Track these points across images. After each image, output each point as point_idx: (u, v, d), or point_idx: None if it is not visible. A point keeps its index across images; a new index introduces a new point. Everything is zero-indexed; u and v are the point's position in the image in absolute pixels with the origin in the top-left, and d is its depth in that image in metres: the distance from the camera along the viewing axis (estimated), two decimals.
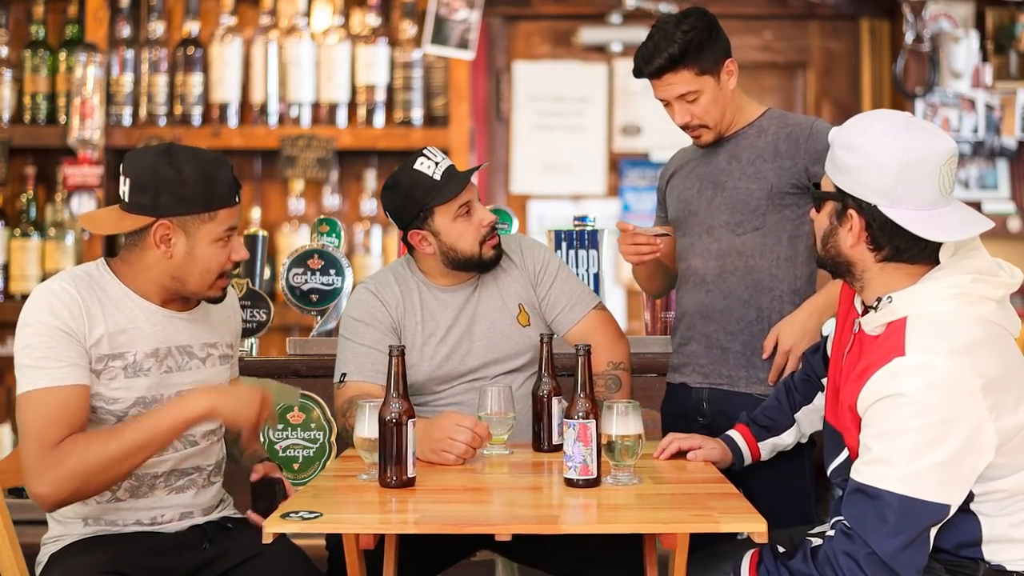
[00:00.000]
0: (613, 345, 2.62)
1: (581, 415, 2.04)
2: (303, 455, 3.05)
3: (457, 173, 2.50)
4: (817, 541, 1.89)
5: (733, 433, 2.37)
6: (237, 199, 2.18)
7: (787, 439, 2.37)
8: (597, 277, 3.23)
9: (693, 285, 2.63)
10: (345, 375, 2.51)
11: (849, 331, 2.02)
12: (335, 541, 2.33)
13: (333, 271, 3.19)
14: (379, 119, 4.40)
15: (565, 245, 3.24)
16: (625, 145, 4.97)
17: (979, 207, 4.39)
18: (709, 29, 2.50)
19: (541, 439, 2.37)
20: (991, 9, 4.62)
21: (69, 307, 2.09)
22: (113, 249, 4.25)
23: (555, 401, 2.35)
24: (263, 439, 3.00)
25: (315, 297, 3.19)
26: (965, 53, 4.46)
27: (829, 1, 4.80)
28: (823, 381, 2.26)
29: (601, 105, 4.96)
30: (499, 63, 4.93)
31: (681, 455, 2.31)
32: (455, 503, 2.01)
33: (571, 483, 2.04)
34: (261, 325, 3.16)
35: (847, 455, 1.94)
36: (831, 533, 1.88)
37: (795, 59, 4.93)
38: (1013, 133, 4.52)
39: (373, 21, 4.41)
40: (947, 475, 1.76)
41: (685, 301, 2.67)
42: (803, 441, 2.40)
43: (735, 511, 1.88)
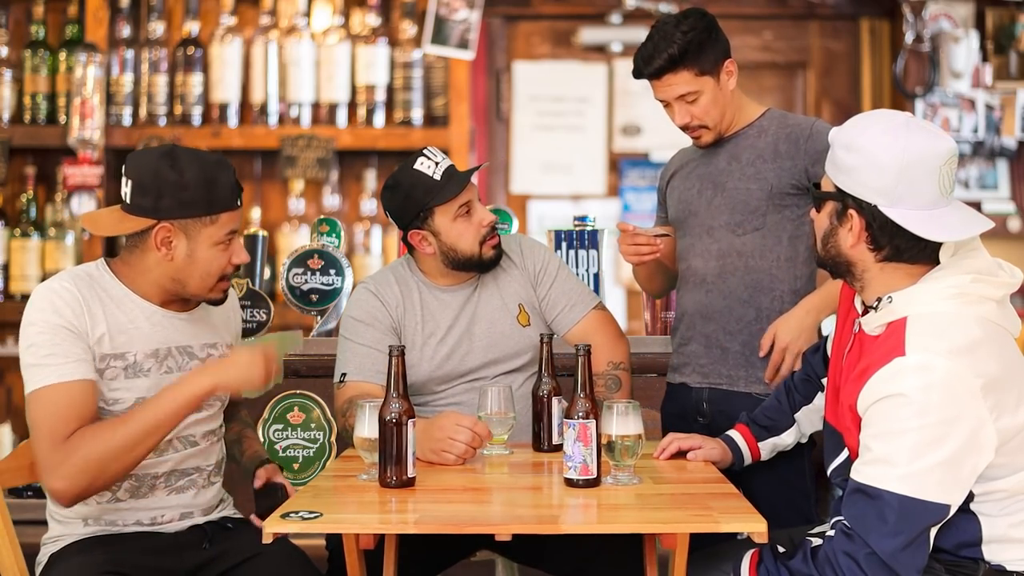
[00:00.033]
0: (613, 345, 2.62)
1: (581, 415, 2.04)
2: (303, 455, 3.05)
3: (457, 173, 2.50)
4: (817, 541, 1.89)
5: (733, 433, 2.37)
6: (239, 202, 2.18)
7: (787, 439, 2.37)
8: (597, 277, 3.23)
9: (693, 285, 2.63)
10: (345, 375, 2.51)
11: (849, 331, 2.02)
12: (335, 541, 2.33)
13: (333, 271, 3.19)
14: (379, 119, 4.39)
15: (565, 245, 3.24)
16: (625, 145, 4.97)
17: (979, 207, 4.39)
18: (708, 29, 2.50)
19: (541, 439, 2.37)
20: (991, 9, 4.61)
21: (71, 305, 2.09)
22: (113, 249, 4.25)
23: (555, 401, 2.35)
24: (263, 439, 3.01)
25: (315, 297, 3.19)
26: (965, 53, 4.46)
27: (829, 1, 4.80)
28: (823, 381, 2.26)
29: (601, 105, 4.96)
30: (499, 63, 4.93)
31: (681, 455, 2.31)
32: (455, 503, 2.01)
33: (571, 483, 2.04)
34: (261, 325, 3.16)
35: (847, 455, 1.94)
36: (831, 533, 1.88)
37: (795, 59, 4.93)
38: (1013, 133, 4.52)
39: (373, 21, 4.41)
40: (947, 475, 1.76)
41: (685, 301, 2.67)
42: (803, 441, 2.40)
43: (735, 511, 1.88)
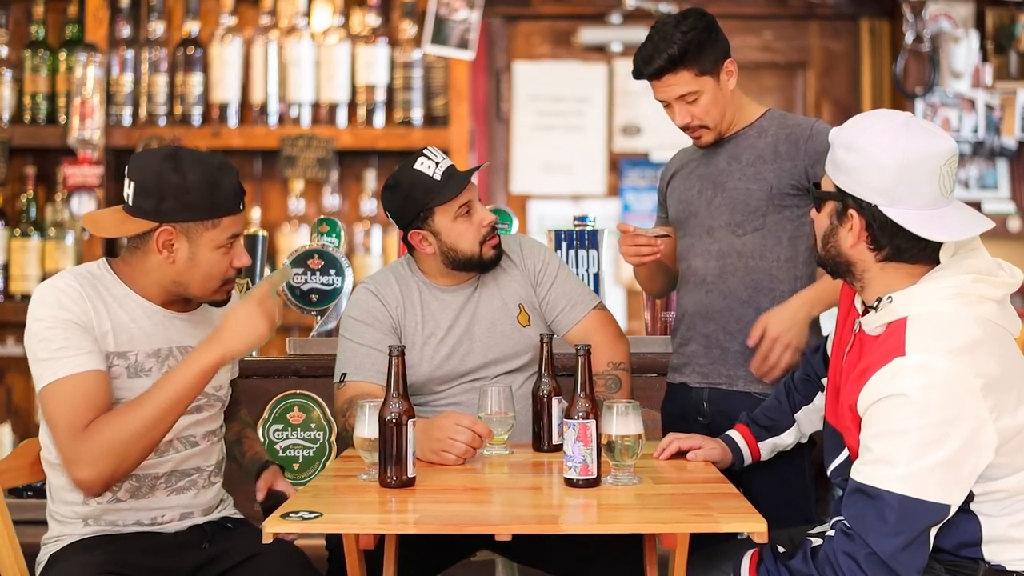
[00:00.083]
0: (613, 345, 2.62)
1: (581, 415, 2.04)
2: (303, 455, 3.05)
3: (457, 173, 2.50)
4: (817, 541, 1.89)
5: (733, 433, 2.37)
6: (241, 206, 2.18)
7: (787, 439, 2.36)
8: (597, 277, 3.23)
9: (693, 285, 2.63)
10: (345, 375, 2.51)
11: (849, 331, 2.01)
12: (335, 541, 2.32)
13: (333, 271, 3.19)
14: (379, 119, 4.39)
15: (565, 245, 3.24)
16: (625, 145, 4.97)
17: (979, 207, 4.39)
18: (708, 29, 2.49)
19: (541, 439, 2.37)
20: (991, 9, 4.61)
21: (77, 302, 2.09)
22: (113, 250, 4.25)
23: (555, 401, 2.35)
24: (263, 439, 3.00)
25: (315, 297, 3.19)
26: (965, 53, 4.46)
27: (829, 1, 4.79)
28: (823, 381, 2.26)
29: (601, 105, 4.96)
30: (499, 63, 4.93)
31: (681, 455, 2.31)
32: (455, 503, 2.01)
33: (571, 483, 2.04)
34: None
35: (847, 455, 1.94)
36: (831, 533, 1.88)
37: (795, 59, 4.93)
38: (1013, 133, 4.52)
39: (373, 21, 4.41)
40: (947, 475, 1.76)
41: (685, 301, 2.67)
42: (803, 441, 2.40)
43: (735, 511, 1.88)
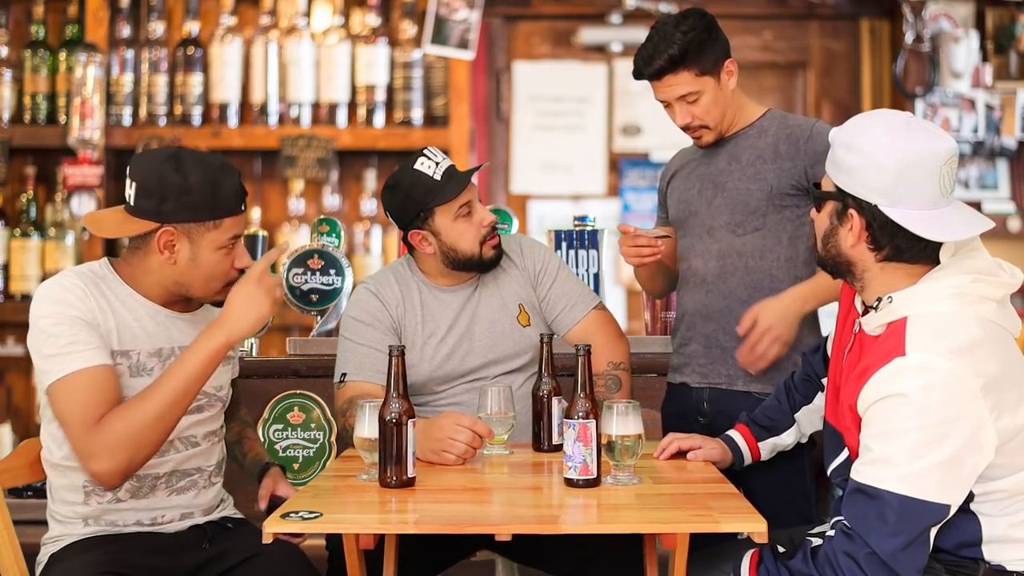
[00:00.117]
0: (613, 345, 2.62)
1: (581, 415, 2.04)
2: (303, 455, 3.05)
3: (457, 173, 2.50)
4: (817, 541, 1.89)
5: (733, 433, 2.37)
6: (243, 207, 2.18)
7: (787, 439, 2.36)
8: (597, 277, 3.23)
9: (693, 285, 2.63)
10: (345, 375, 2.51)
11: (849, 331, 2.01)
12: (335, 541, 2.32)
13: (333, 271, 3.19)
14: (379, 119, 4.39)
15: (565, 245, 3.24)
16: (625, 145, 4.97)
17: (979, 207, 4.39)
18: (708, 29, 2.49)
19: (541, 439, 2.37)
20: (991, 9, 4.62)
21: (81, 299, 2.09)
22: (113, 250, 4.25)
23: (555, 401, 2.35)
24: (263, 439, 3.00)
25: (315, 297, 3.19)
26: (965, 53, 4.46)
27: (829, 1, 4.80)
28: (823, 381, 2.26)
29: (601, 105, 4.96)
30: (499, 63, 4.93)
31: (681, 455, 2.31)
32: (455, 503, 2.01)
33: (571, 483, 2.04)
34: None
35: (847, 455, 1.94)
36: (831, 533, 1.88)
37: (795, 59, 4.93)
38: (1013, 133, 4.52)
39: (373, 21, 4.41)
40: (947, 475, 1.76)
41: (685, 301, 2.67)
42: (803, 441, 2.40)
43: (735, 511, 1.88)
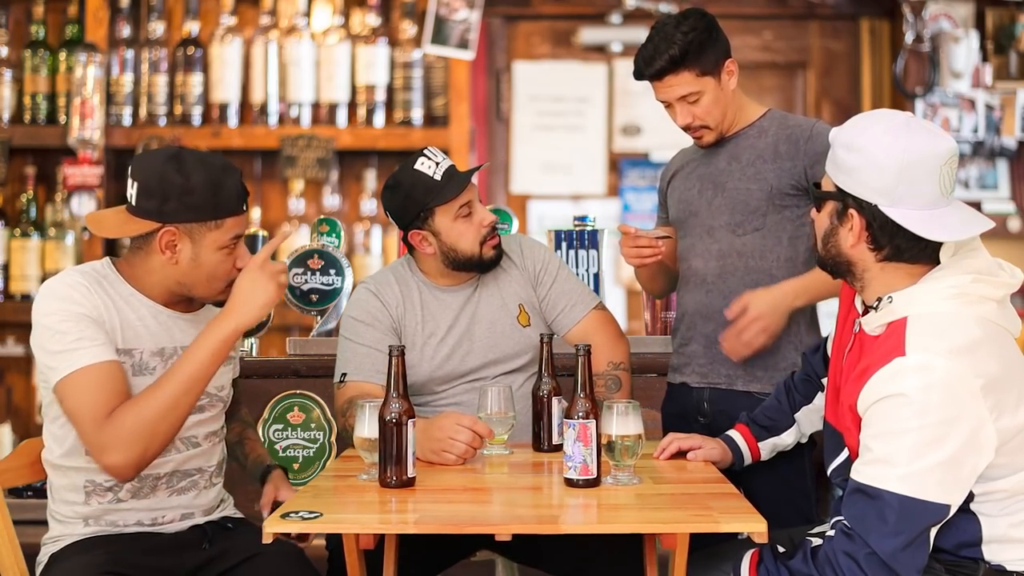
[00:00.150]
0: (613, 345, 2.62)
1: (581, 415, 2.04)
2: (303, 455, 3.05)
3: (458, 173, 2.50)
4: (817, 541, 1.89)
5: (733, 433, 2.37)
6: (244, 207, 2.18)
7: (787, 439, 2.36)
8: (597, 277, 3.23)
9: (694, 285, 2.63)
10: (345, 375, 2.51)
11: (849, 331, 2.01)
12: (335, 541, 2.32)
13: (333, 271, 3.19)
14: (379, 119, 4.39)
15: (565, 245, 3.24)
16: (625, 145, 4.97)
17: (979, 207, 4.38)
18: (709, 30, 2.49)
19: (541, 439, 2.37)
20: (991, 9, 4.62)
21: (86, 296, 2.09)
22: (113, 250, 4.25)
23: (555, 401, 2.35)
24: (263, 439, 3.00)
25: (315, 297, 3.19)
26: (965, 53, 4.46)
27: (829, 1, 4.79)
28: (823, 381, 2.26)
29: (601, 105, 4.96)
30: (499, 63, 4.93)
31: (681, 455, 2.31)
32: (455, 503, 2.01)
33: (571, 483, 2.04)
34: (261, 325, 3.16)
35: (847, 455, 1.94)
36: (831, 533, 1.88)
37: (795, 59, 4.93)
38: (1013, 133, 4.52)
39: (373, 21, 4.41)
40: (947, 475, 1.76)
41: (686, 301, 2.67)
42: (803, 441, 2.40)
43: (735, 511, 1.88)
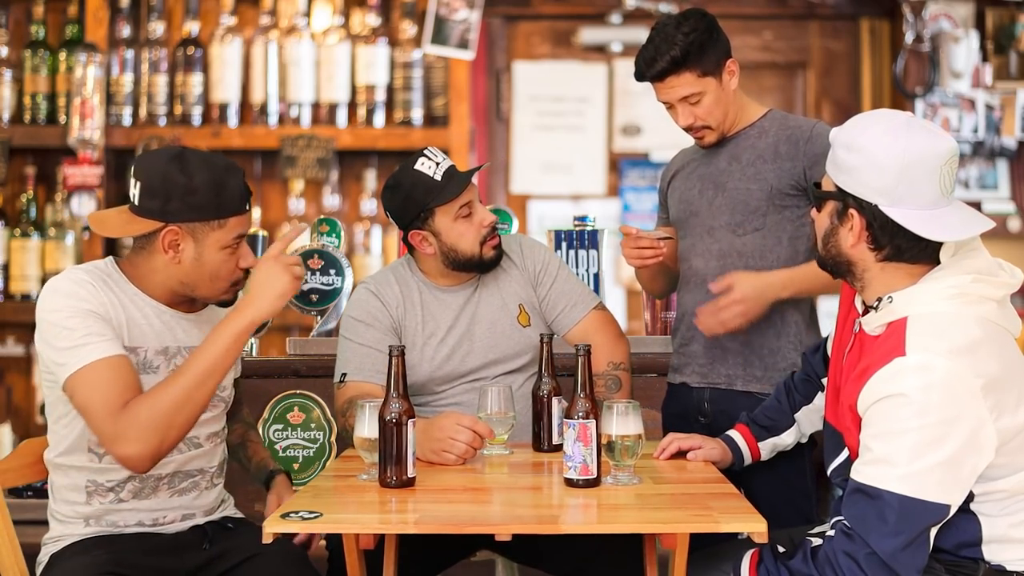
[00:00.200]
0: (613, 345, 2.62)
1: (581, 415, 2.04)
2: (303, 455, 3.05)
3: (458, 174, 2.50)
4: (817, 541, 1.89)
5: (733, 433, 2.37)
6: (247, 207, 2.18)
7: (787, 439, 2.36)
8: (597, 277, 3.23)
9: (694, 285, 2.63)
10: (345, 375, 2.51)
11: (849, 331, 2.01)
12: (335, 541, 2.32)
13: (333, 271, 3.19)
14: (379, 119, 4.39)
15: (565, 245, 3.24)
16: (625, 145, 4.97)
17: (979, 207, 4.39)
18: (709, 30, 2.49)
19: (541, 439, 2.37)
20: (991, 9, 4.62)
21: (92, 293, 2.09)
22: (113, 250, 4.25)
23: (555, 401, 2.35)
24: (263, 439, 3.00)
25: (315, 297, 3.19)
26: (965, 53, 4.46)
27: (829, 1, 4.80)
28: (823, 381, 2.26)
29: (601, 105, 4.96)
30: (499, 63, 4.93)
31: (681, 455, 2.31)
32: (455, 503, 2.01)
33: (571, 483, 2.04)
34: (261, 325, 3.16)
35: (847, 455, 1.94)
36: (831, 533, 1.88)
37: (795, 59, 4.93)
38: (1013, 133, 4.52)
39: (373, 21, 4.41)
40: (947, 475, 1.76)
41: (686, 301, 2.67)
42: (803, 441, 2.40)
43: (735, 511, 1.88)
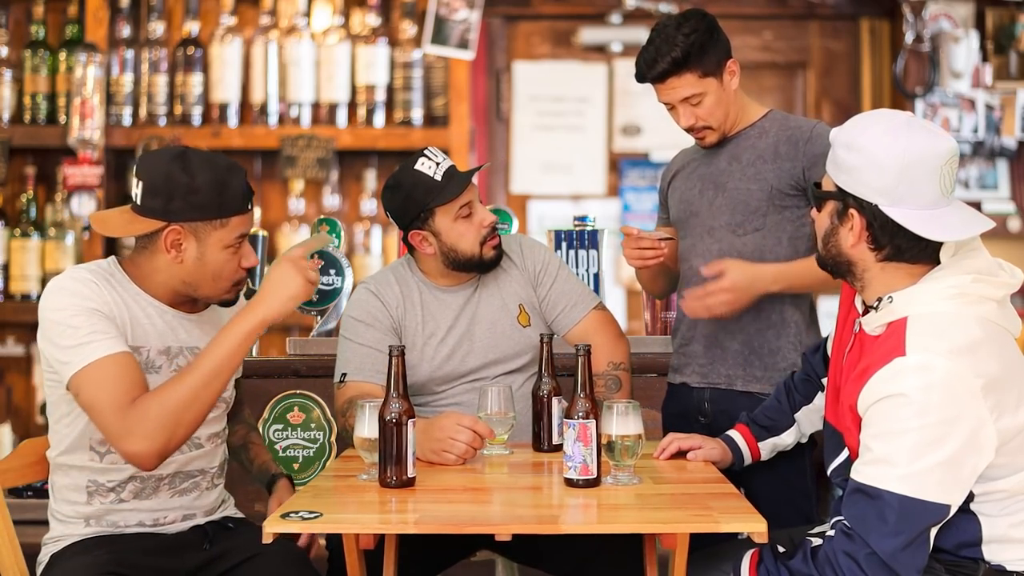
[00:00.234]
0: (613, 345, 2.62)
1: (581, 415, 2.04)
2: (303, 455, 3.05)
3: (458, 174, 2.50)
4: (817, 541, 1.89)
5: (733, 433, 2.37)
6: (250, 206, 2.18)
7: (787, 439, 2.36)
8: (597, 277, 3.23)
9: (694, 286, 2.62)
10: (345, 375, 2.51)
11: (850, 331, 2.01)
12: (335, 541, 2.32)
13: (333, 271, 3.19)
14: (379, 119, 4.39)
15: (565, 245, 3.24)
16: (625, 145, 4.97)
17: (979, 207, 4.39)
18: (710, 31, 2.49)
19: (541, 439, 2.37)
20: (991, 9, 4.62)
21: (96, 292, 2.09)
22: (113, 250, 4.25)
23: (555, 401, 2.35)
24: (264, 439, 3.00)
25: (315, 297, 3.18)
26: (965, 53, 4.46)
27: (829, 1, 4.80)
28: (823, 381, 2.26)
29: (601, 105, 4.96)
30: (499, 63, 4.93)
31: (681, 455, 2.31)
32: (455, 503, 2.01)
33: (571, 483, 2.04)
34: None
35: (847, 455, 1.94)
36: (831, 533, 1.88)
37: (795, 59, 4.93)
38: (1013, 133, 4.52)
39: (373, 21, 4.41)
40: (947, 475, 1.76)
41: None
42: (803, 441, 2.40)
43: (735, 511, 1.88)
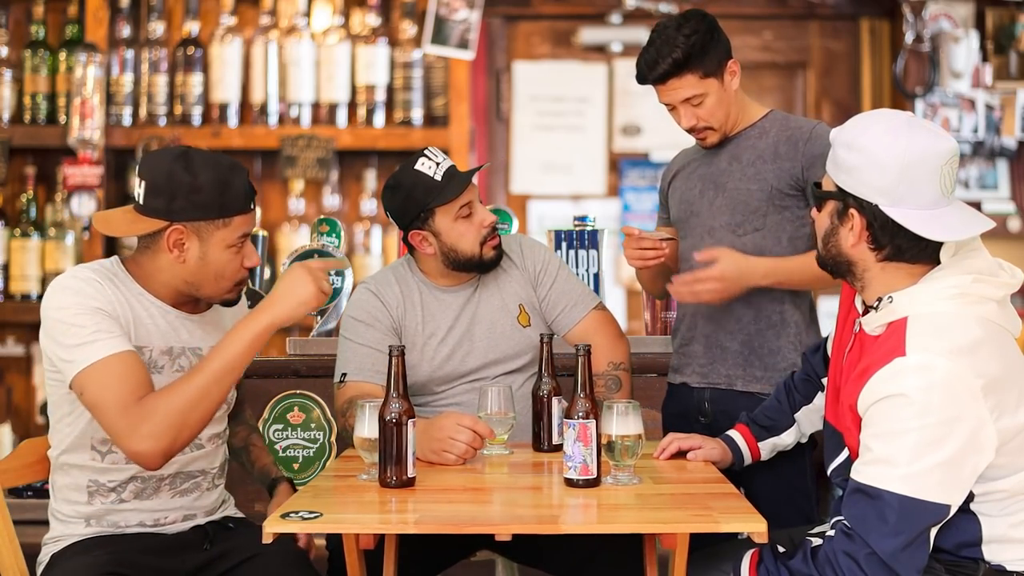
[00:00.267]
0: (613, 345, 2.62)
1: (581, 415, 2.04)
2: (303, 455, 3.05)
3: (458, 174, 2.50)
4: (817, 541, 1.89)
5: (733, 433, 2.37)
6: (252, 206, 2.18)
7: (787, 439, 2.36)
8: (597, 277, 3.23)
9: None
10: (345, 375, 2.51)
11: (850, 331, 2.01)
12: (335, 541, 2.32)
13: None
14: (379, 119, 4.39)
15: (565, 245, 3.24)
16: (625, 145, 4.97)
17: (979, 207, 4.39)
18: (710, 31, 2.49)
19: (541, 439, 2.37)
20: (991, 9, 4.62)
21: (99, 291, 2.09)
22: (113, 251, 4.25)
23: (555, 401, 2.35)
24: (265, 440, 3.00)
25: None
26: (965, 53, 4.46)
27: (829, 1, 4.79)
28: (823, 381, 2.26)
29: (601, 105, 4.96)
30: (499, 63, 4.93)
31: (681, 455, 2.31)
32: (455, 503, 2.01)
33: (571, 483, 2.04)
34: None
35: (847, 455, 1.94)
36: (831, 533, 1.88)
37: (795, 59, 4.93)
38: (1013, 133, 4.52)
39: (373, 21, 4.41)
40: (948, 475, 1.76)
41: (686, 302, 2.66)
42: (803, 441, 2.40)
43: (735, 511, 1.88)
